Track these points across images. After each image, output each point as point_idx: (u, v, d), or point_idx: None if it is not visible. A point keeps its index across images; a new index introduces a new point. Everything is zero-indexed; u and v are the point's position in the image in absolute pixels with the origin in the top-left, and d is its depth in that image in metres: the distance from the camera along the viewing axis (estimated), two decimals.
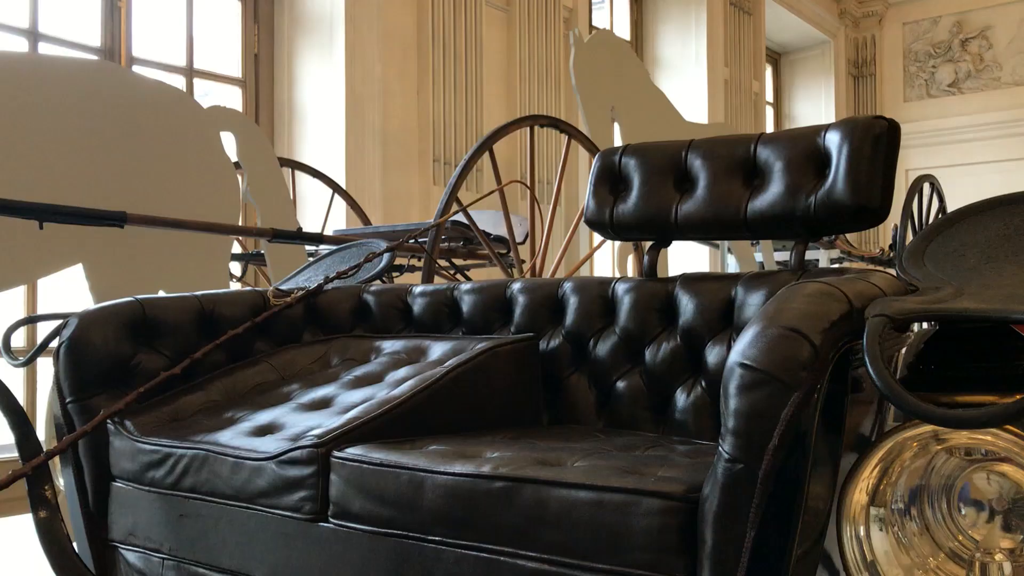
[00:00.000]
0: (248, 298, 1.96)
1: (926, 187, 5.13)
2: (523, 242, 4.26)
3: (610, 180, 1.79)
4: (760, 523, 0.98)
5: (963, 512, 1.08)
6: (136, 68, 4.85)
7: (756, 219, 1.61)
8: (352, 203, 5.10)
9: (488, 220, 4.65)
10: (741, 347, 1.03)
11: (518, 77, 6.77)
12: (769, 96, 10.48)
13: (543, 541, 1.14)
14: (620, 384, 1.72)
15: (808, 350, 0.99)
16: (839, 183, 1.50)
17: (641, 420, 1.69)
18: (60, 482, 1.77)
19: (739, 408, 1.00)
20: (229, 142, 3.96)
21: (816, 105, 10.79)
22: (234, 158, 3.95)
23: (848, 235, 6.88)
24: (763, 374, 0.99)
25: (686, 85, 8.65)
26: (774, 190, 1.59)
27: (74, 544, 1.65)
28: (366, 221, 5.08)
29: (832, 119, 10.26)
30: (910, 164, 10.16)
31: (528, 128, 3.86)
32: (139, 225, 3.00)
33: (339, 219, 5.27)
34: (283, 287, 2.10)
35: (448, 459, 1.27)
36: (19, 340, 4.05)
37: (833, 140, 1.53)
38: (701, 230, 1.68)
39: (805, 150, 1.57)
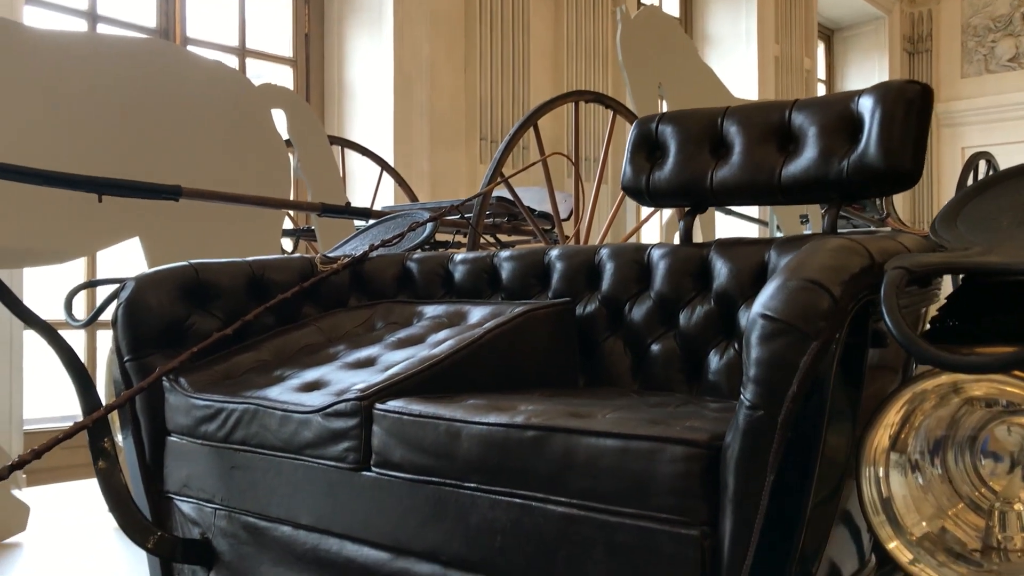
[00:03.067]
0: (297, 264, 2.04)
1: (982, 164, 5.05)
2: (568, 218, 4.29)
3: (647, 147, 1.82)
4: (779, 468, 1.02)
5: (984, 463, 1.11)
6: (190, 48, 4.96)
7: (790, 184, 1.63)
8: (400, 180, 5.18)
9: (533, 196, 4.69)
10: (763, 299, 1.06)
11: (565, 54, 6.78)
12: (821, 73, 10.34)
13: (572, 487, 1.19)
14: (655, 347, 1.76)
15: (827, 301, 1.02)
16: (871, 147, 1.52)
17: (675, 382, 1.72)
18: (119, 438, 1.86)
19: (760, 357, 1.04)
20: (280, 119, 4.05)
21: (869, 82, 10.59)
22: (285, 135, 4.04)
23: (900, 213, 6.80)
24: (783, 324, 1.03)
25: (736, 62, 8.58)
26: (808, 155, 1.61)
27: (132, 495, 1.74)
28: (413, 198, 5.15)
29: None
30: (967, 141, 9.97)
31: (573, 104, 3.89)
32: (193, 199, 3.09)
33: (387, 196, 5.35)
34: (330, 255, 2.17)
35: (483, 411, 1.32)
36: (80, 308, 4.19)
37: (866, 105, 1.55)
38: (736, 195, 1.71)
39: (839, 115, 1.59)
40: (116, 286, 1.86)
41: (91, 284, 1.94)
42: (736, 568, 1.06)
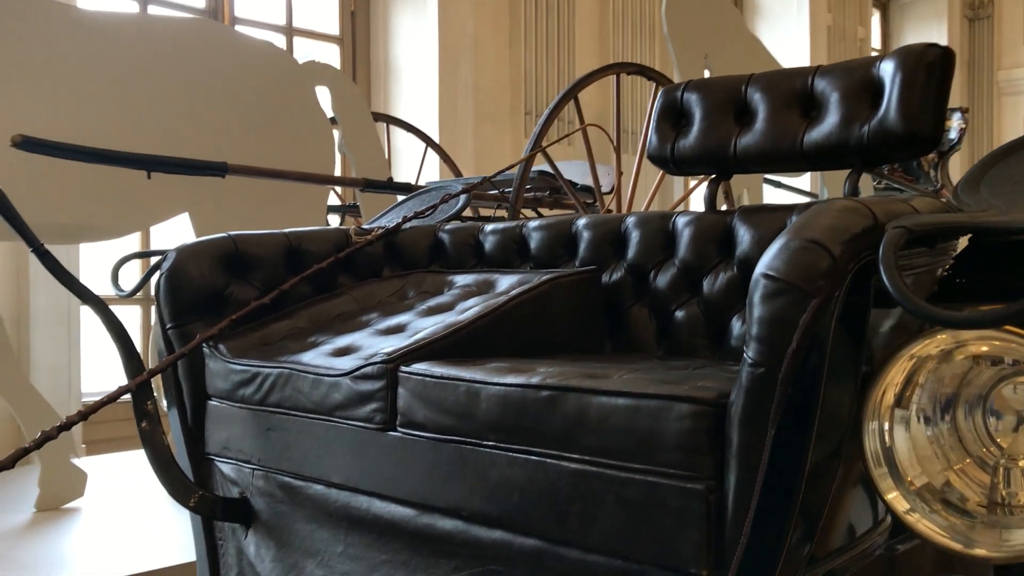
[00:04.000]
0: (332, 235, 2.09)
1: None
2: (610, 192, 4.29)
3: (672, 116, 1.84)
4: (779, 423, 1.05)
5: (992, 421, 1.12)
6: (238, 27, 5.05)
7: (812, 150, 1.64)
8: (444, 156, 5.22)
9: (575, 170, 4.70)
10: (767, 259, 1.09)
11: (611, 29, 6.75)
12: (876, 43, 10.12)
13: (584, 444, 1.23)
14: (679, 314, 1.78)
15: (827, 260, 1.04)
16: (891, 111, 1.52)
17: (699, 348, 1.75)
18: (164, 404, 1.94)
19: (762, 316, 1.06)
20: (324, 97, 4.11)
21: None
22: (329, 112, 4.10)
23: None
24: (784, 283, 1.05)
25: (786, 33, 8.45)
26: (830, 121, 1.62)
27: (175, 457, 1.82)
28: (458, 174, 5.20)
29: None
30: None
31: (615, 76, 3.88)
32: (239, 175, 3.18)
33: (432, 173, 5.41)
34: (365, 227, 2.23)
35: (502, 373, 1.37)
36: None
37: (887, 69, 1.55)
38: (759, 162, 1.72)
39: (861, 80, 1.59)
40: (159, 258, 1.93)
41: (135, 256, 2.01)
42: (740, 520, 1.09)
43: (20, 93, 3.00)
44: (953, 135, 6.01)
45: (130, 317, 4.58)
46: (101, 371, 4.54)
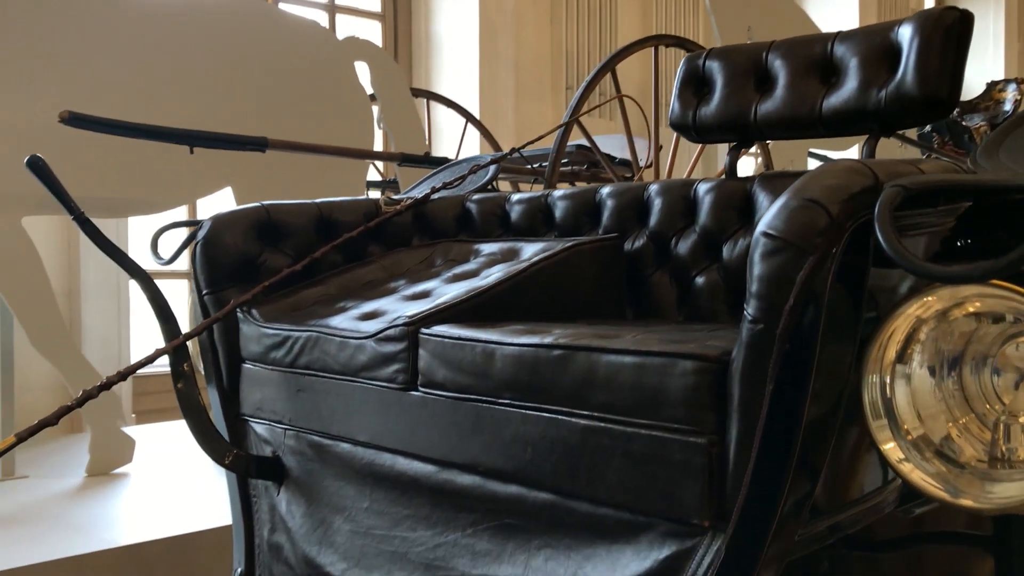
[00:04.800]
0: (362, 206, 2.15)
1: None
2: (648, 165, 4.29)
3: (694, 83, 1.85)
4: (777, 377, 1.08)
5: (997, 379, 1.14)
6: (281, 5, 5.13)
7: (830, 116, 1.65)
8: (485, 132, 5.25)
9: (614, 144, 4.70)
10: (767, 218, 1.11)
11: (653, 2, 6.71)
12: None
13: (593, 401, 1.27)
14: (699, 280, 1.81)
15: (825, 219, 1.07)
16: (908, 75, 1.52)
17: (719, 313, 1.77)
18: (202, 367, 2.02)
19: (761, 273, 1.09)
20: (364, 72, 4.16)
21: (984, 16, 10.07)
22: (368, 88, 4.16)
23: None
24: (782, 241, 1.08)
25: (834, 3, 8.31)
26: (848, 86, 1.62)
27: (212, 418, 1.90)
28: (498, 150, 5.23)
29: (1002, 29, 9.51)
30: None
31: (653, 49, 3.88)
32: (279, 149, 3.25)
33: (472, 148, 5.44)
34: (395, 197, 2.27)
35: (517, 334, 1.41)
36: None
37: (905, 33, 1.55)
38: (778, 129, 1.74)
39: (879, 45, 1.59)
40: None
41: (174, 225, 2.08)
42: (740, 472, 1.12)
43: (67, 71, 3.10)
44: (1008, 106, 5.89)
45: (178, 291, 4.71)
46: (150, 343, 4.67)
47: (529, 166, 3.66)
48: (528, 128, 6.02)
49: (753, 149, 4.39)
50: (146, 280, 1.83)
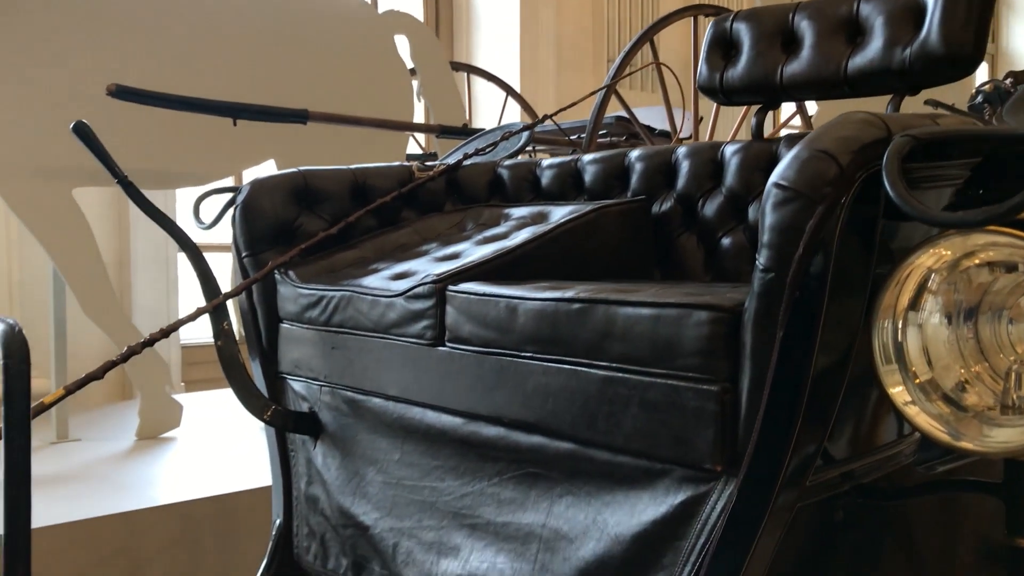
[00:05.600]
0: (396, 172, 2.20)
1: None
2: (689, 137, 4.28)
3: (722, 46, 1.87)
4: (787, 325, 1.10)
5: (1010, 329, 1.15)
6: None
7: (855, 76, 1.65)
8: (525, 105, 5.27)
9: (654, 116, 4.69)
10: (779, 170, 1.13)
11: None
12: None
13: (611, 352, 1.30)
14: (725, 241, 1.83)
15: (834, 169, 1.09)
16: (933, 33, 1.53)
17: (744, 273, 1.79)
18: (242, 331, 2.09)
19: (772, 223, 1.12)
20: (403, 45, 4.21)
21: None
22: (408, 61, 4.20)
23: None
24: (793, 191, 1.10)
25: None
26: (874, 46, 1.63)
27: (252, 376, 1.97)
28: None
29: None
30: None
31: (692, 19, 3.87)
32: (319, 122, 3.30)
33: (512, 121, 5.46)
34: (428, 164, 2.32)
35: (540, 290, 1.45)
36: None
37: None
38: (804, 90, 1.75)
39: (904, 4, 1.60)
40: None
41: (215, 192, 2.15)
42: (751, 419, 1.15)
43: (114, 46, 3.19)
44: None
45: (223, 263, 4.82)
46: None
47: (567, 138, 3.68)
48: (569, 100, 6.01)
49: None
50: (187, 243, 1.90)
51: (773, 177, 1.13)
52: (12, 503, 0.80)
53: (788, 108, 4.60)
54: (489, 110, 5.65)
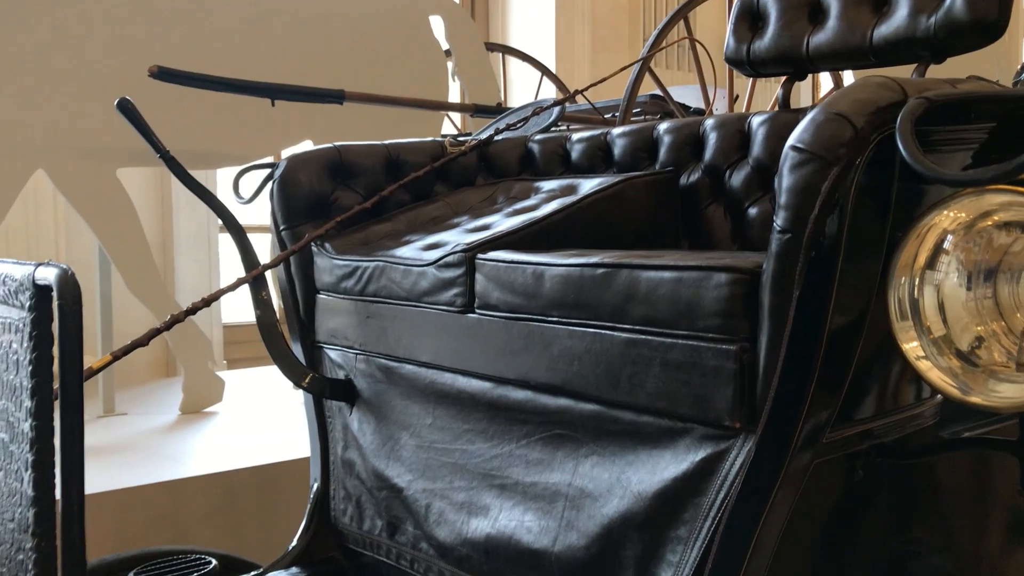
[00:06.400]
0: (429, 147, 2.24)
1: None
2: None
3: (749, 18, 1.88)
4: (803, 284, 1.14)
5: None
6: None
7: (881, 45, 1.66)
8: (560, 85, 5.28)
9: (689, 94, 4.69)
10: (796, 132, 1.16)
11: None
12: None
13: (634, 315, 1.34)
14: (752, 211, 1.85)
15: (849, 131, 1.11)
16: (958, 0, 1.53)
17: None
18: (280, 303, 2.15)
19: (789, 185, 1.14)
20: (438, 26, 4.25)
21: None
22: (443, 42, 4.24)
23: None
24: (809, 153, 1.13)
25: None
26: (900, 14, 1.64)
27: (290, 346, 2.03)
28: (572, 103, 5.24)
29: None
30: None
31: None
32: (356, 102, 3.35)
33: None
34: (460, 139, 2.36)
35: (565, 256, 1.49)
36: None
37: None
38: (830, 60, 1.76)
39: None
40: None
41: (254, 167, 2.21)
42: (769, 377, 1.18)
43: (156, 29, 3.26)
44: None
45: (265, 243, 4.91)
46: (239, 293, 4.90)
47: (602, 116, 3.70)
48: (606, 82, 6.01)
49: None
50: (228, 216, 1.96)
51: (790, 140, 1.16)
52: (67, 431, 0.85)
53: (827, 84, 4.57)
54: (524, 90, 5.67)
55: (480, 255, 1.62)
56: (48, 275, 0.86)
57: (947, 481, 1.49)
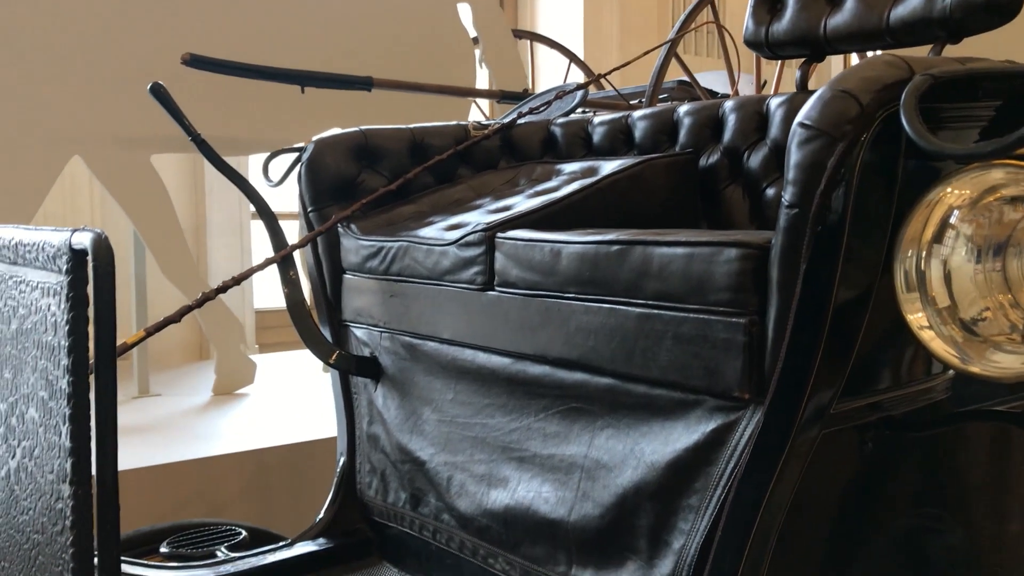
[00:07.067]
0: (453, 131, 2.28)
1: None
2: None
3: (768, 0, 1.90)
4: (810, 257, 1.16)
5: None
6: None
7: (897, 25, 1.68)
8: (588, 73, 5.28)
9: (716, 80, 4.68)
10: (804, 110, 1.19)
11: None
12: None
13: (647, 290, 1.37)
14: (769, 191, 1.87)
15: (855, 108, 1.14)
16: None
17: None
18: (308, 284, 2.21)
19: (796, 161, 1.17)
20: (466, 13, 4.28)
21: None
22: (471, 29, 4.27)
23: None
24: (816, 130, 1.15)
25: None
26: None
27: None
28: (600, 90, 5.26)
29: None
30: None
31: None
32: (384, 89, 3.40)
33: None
34: (484, 123, 2.40)
35: (582, 234, 1.52)
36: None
37: None
38: (847, 41, 1.77)
39: None
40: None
41: (282, 151, 2.26)
42: (777, 348, 1.21)
43: (188, 16, 3.33)
44: None
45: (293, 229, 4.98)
46: (270, 278, 4.98)
47: (628, 103, 3.71)
48: (633, 68, 6.01)
49: None
50: (257, 198, 2.02)
51: (798, 117, 1.19)
52: (102, 385, 0.90)
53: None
54: (552, 78, 5.69)
55: (500, 234, 1.66)
56: (83, 239, 0.92)
57: (963, 456, 1.52)
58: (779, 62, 3.65)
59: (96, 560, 0.98)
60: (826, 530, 1.41)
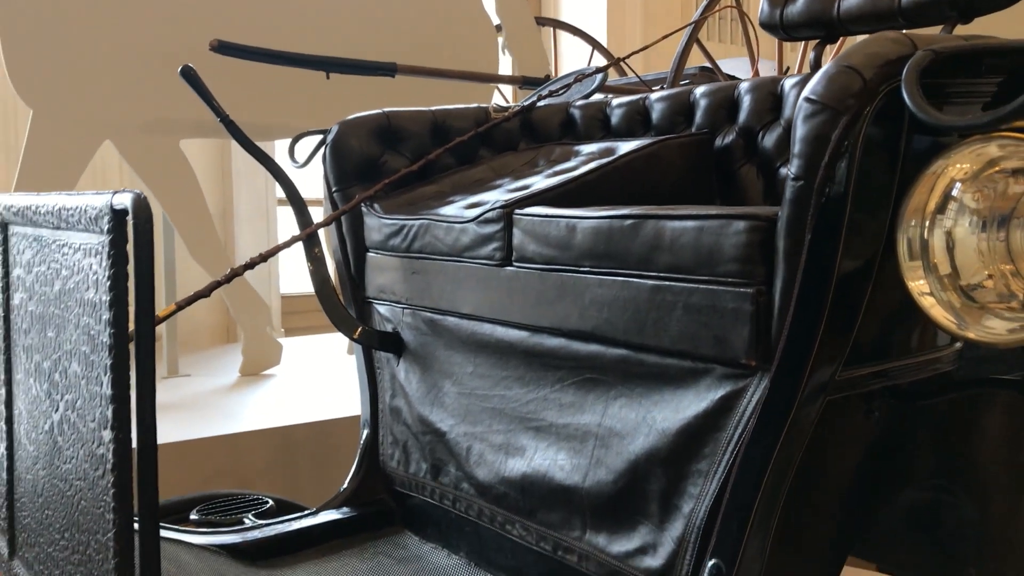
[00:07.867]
0: (473, 113, 2.33)
1: None
2: None
3: None
4: (815, 228, 1.21)
5: None
6: None
7: (909, 6, 1.71)
8: (611, 59, 5.31)
9: (738, 67, 4.70)
10: (809, 85, 1.23)
11: None
12: None
13: (659, 263, 1.42)
14: (783, 170, 1.90)
15: (859, 82, 1.17)
16: None
17: None
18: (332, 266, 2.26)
19: (802, 134, 1.21)
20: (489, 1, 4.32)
21: None
22: (494, 17, 4.32)
23: None
24: (820, 104, 1.19)
25: None
26: None
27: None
28: (623, 76, 5.29)
29: None
30: None
31: None
32: (407, 75, 3.45)
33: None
34: (504, 105, 2.44)
35: (597, 211, 1.57)
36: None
37: None
38: (860, 22, 1.81)
39: None
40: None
41: (308, 134, 2.32)
42: (783, 316, 1.25)
43: (217, 2, 3.40)
44: None
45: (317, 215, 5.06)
46: (297, 263, 5.06)
47: (650, 88, 3.74)
48: (656, 55, 6.02)
49: None
50: (284, 178, 2.08)
51: (804, 92, 1.23)
52: (141, 337, 0.96)
53: None
54: (575, 65, 5.71)
55: (518, 211, 1.71)
56: (124, 200, 0.98)
57: (974, 428, 1.55)
58: (801, 49, 3.67)
59: (135, 500, 1.05)
60: (835, 496, 1.45)
